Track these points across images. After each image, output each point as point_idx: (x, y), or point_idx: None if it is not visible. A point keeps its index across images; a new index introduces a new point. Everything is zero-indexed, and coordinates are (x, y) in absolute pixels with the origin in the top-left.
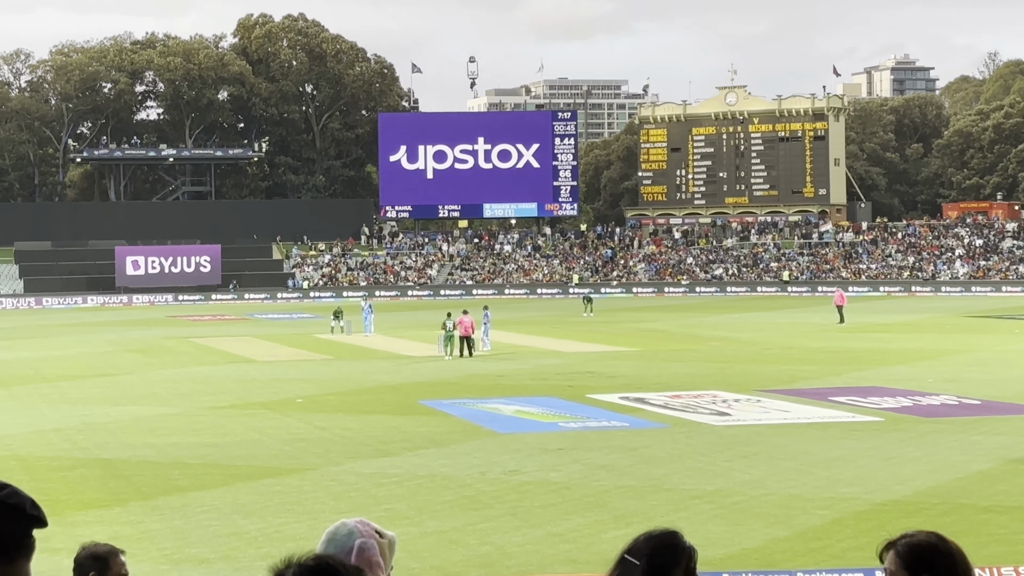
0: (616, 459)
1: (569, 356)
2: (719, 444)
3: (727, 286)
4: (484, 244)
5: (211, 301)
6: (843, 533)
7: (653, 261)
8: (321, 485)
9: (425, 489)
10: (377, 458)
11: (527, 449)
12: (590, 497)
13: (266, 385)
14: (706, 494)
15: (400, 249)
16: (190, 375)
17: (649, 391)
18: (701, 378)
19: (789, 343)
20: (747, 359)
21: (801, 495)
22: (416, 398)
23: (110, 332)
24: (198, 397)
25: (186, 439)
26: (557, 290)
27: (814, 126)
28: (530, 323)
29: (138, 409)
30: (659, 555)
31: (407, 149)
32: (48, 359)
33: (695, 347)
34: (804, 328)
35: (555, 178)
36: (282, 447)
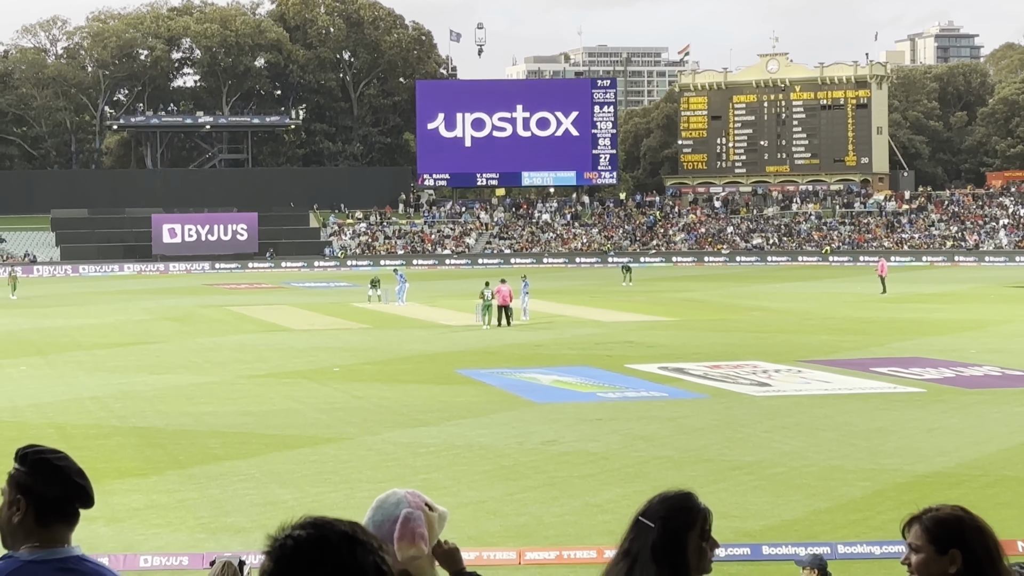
0: (655, 429)
1: (608, 326)
2: (759, 415)
3: (767, 255)
4: (522, 213)
5: (247, 269)
6: (884, 505)
7: (693, 230)
8: (357, 454)
9: (462, 459)
10: (414, 427)
11: (565, 419)
12: (629, 468)
13: (303, 354)
14: (746, 465)
15: (437, 217)
16: (227, 344)
17: (688, 361)
18: (741, 348)
19: (830, 313)
20: (788, 329)
21: (842, 466)
22: (453, 367)
23: (147, 300)
24: (234, 366)
25: (222, 408)
26: (596, 259)
27: (856, 94)
28: (568, 292)
29: (175, 377)
30: (674, 517)
31: (445, 117)
32: (84, 327)
33: (735, 317)
34: (845, 298)
35: (594, 146)
36: (319, 416)
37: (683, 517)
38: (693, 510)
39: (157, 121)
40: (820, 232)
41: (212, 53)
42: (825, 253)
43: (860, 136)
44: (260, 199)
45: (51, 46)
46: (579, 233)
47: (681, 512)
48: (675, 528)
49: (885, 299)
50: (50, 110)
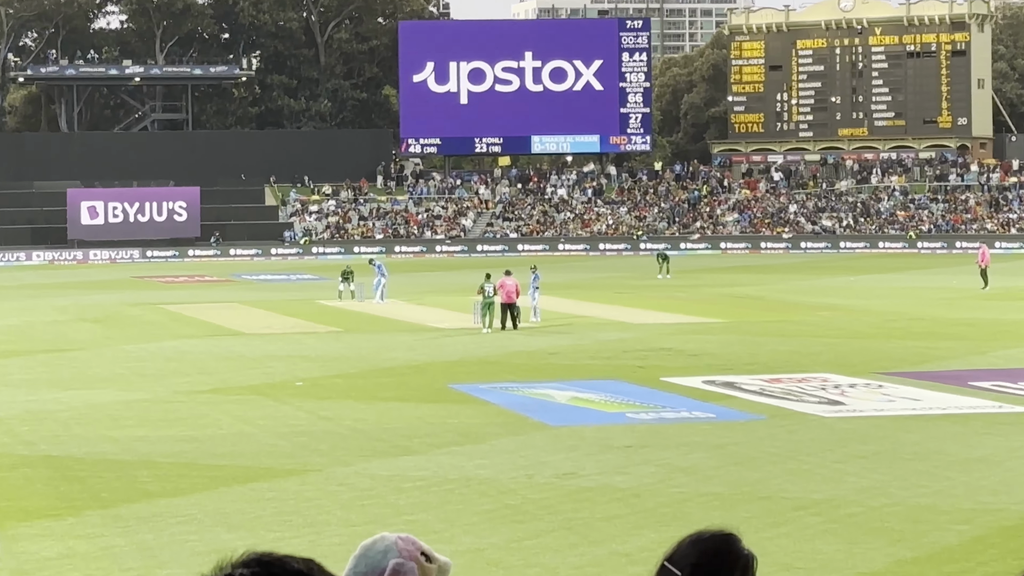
0: (699, 459)
1: (640, 329)
2: (829, 441)
3: (840, 241)
4: (532, 187)
5: (188, 258)
6: (987, 554)
7: (746, 209)
8: (326, 491)
9: (457, 496)
10: (396, 457)
11: (586, 446)
12: (665, 507)
13: (257, 364)
14: (813, 504)
15: (426, 193)
16: (161, 351)
17: (741, 373)
18: (807, 357)
19: (919, 313)
20: (865, 333)
21: (933, 505)
22: (446, 381)
23: (60, 296)
24: (171, 379)
25: (156, 432)
26: (624, 246)
27: (952, 38)
28: (590, 287)
29: (96, 394)
30: (708, 564)
31: (435, 67)
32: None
33: (799, 318)
34: (938, 294)
35: (622, 104)
36: (277, 442)
37: (719, 563)
38: (732, 555)
39: (73, 72)
40: (906, 211)
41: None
42: (911, 238)
43: (956, 91)
44: (203, 170)
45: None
46: (603, 213)
47: (717, 558)
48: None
49: (987, 295)
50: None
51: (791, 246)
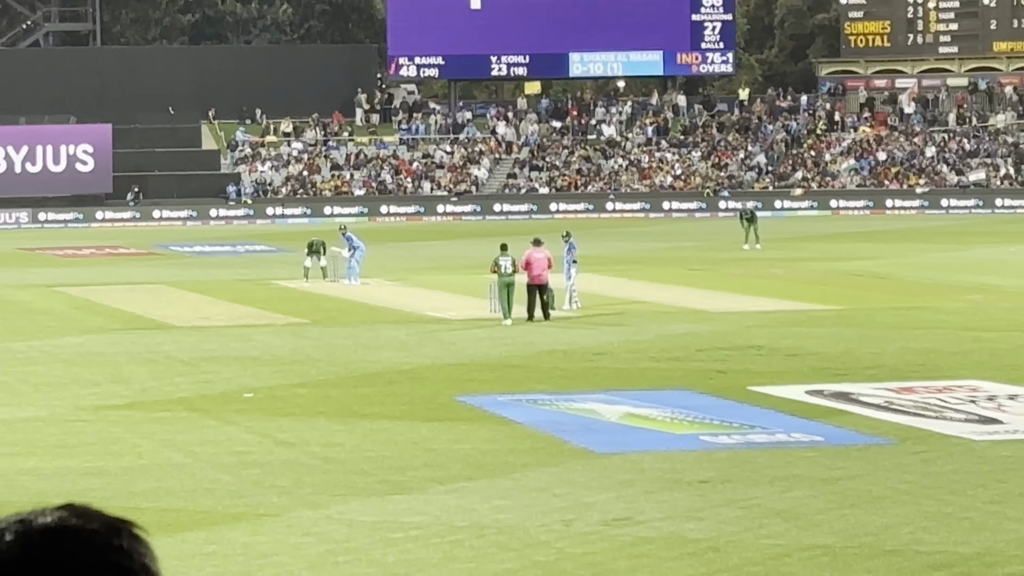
0: (801, 499)
1: (719, 319)
2: (982, 473)
3: (996, 197)
4: (570, 124)
5: (95, 222)
6: None
7: (867, 154)
8: (287, 543)
9: (468, 550)
10: (385, 496)
11: (644, 480)
12: (755, 565)
13: (192, 368)
14: (960, 560)
15: (423, 132)
16: (60, 351)
17: (858, 381)
18: (950, 358)
19: None
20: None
21: None
22: (452, 392)
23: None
24: (73, 389)
25: (52, 462)
26: (698, 204)
27: None
28: (650, 261)
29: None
30: None
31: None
32: None
33: (940, 304)
34: None
35: (695, 9)
36: (219, 476)
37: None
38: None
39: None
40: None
41: None
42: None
43: None
44: (116, 101)
45: None
46: (669, 160)
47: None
48: None
49: None
50: None
51: (928, 204)
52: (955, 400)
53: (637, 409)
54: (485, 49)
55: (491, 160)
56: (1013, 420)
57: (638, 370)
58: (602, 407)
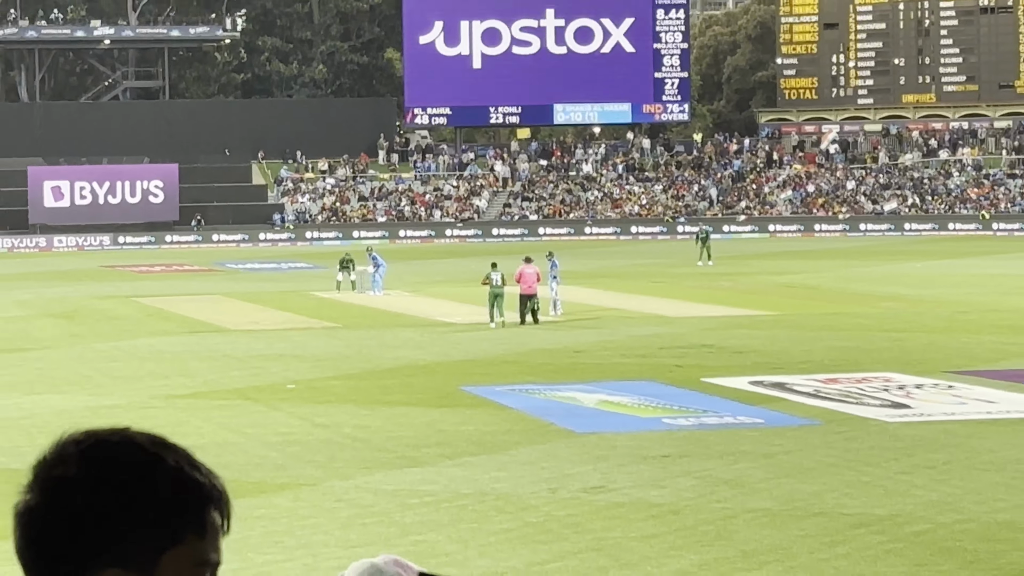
0: (745, 470)
1: (678, 323)
2: (893, 449)
3: (904, 222)
4: (555, 163)
5: (164, 245)
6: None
7: (798, 187)
8: (323, 507)
9: (472, 513)
10: (403, 469)
11: (617, 456)
12: (707, 525)
13: (244, 364)
14: (875, 520)
15: (434, 170)
16: (135, 350)
17: (792, 373)
18: (867, 354)
19: (995, 304)
20: (934, 327)
21: (1012, 522)
22: (458, 383)
23: (21, 289)
24: (147, 381)
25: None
26: (660, 229)
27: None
28: (621, 275)
29: (62, 399)
30: None
31: (444, 26)
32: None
33: (859, 310)
34: (1016, 283)
35: (657, 68)
36: (267, 453)
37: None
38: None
39: (35, 35)
40: (979, 189)
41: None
42: (985, 219)
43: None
44: (182, 145)
45: None
46: (636, 192)
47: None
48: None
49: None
50: None
51: (849, 228)
52: (871, 389)
53: (610, 397)
54: (485, 101)
55: (490, 192)
56: (919, 405)
57: (611, 365)
58: (581, 395)
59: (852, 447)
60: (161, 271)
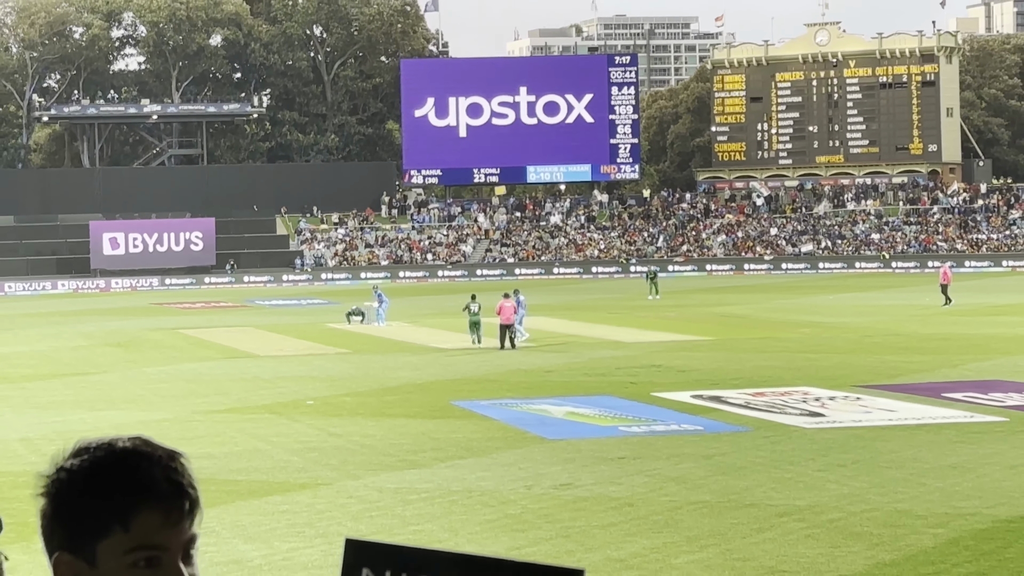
0: (688, 469)
1: (631, 347)
2: (811, 450)
3: (819, 262)
4: (528, 214)
5: (204, 285)
6: (961, 556)
7: (730, 233)
8: (336, 503)
9: (461, 507)
10: (403, 470)
11: (581, 458)
12: (657, 515)
13: (270, 384)
14: (796, 510)
15: (428, 221)
16: (180, 373)
17: (727, 388)
18: (789, 372)
19: (894, 329)
20: (844, 349)
21: (910, 510)
22: (449, 398)
23: (84, 323)
24: (189, 399)
25: (176, 449)
26: (616, 269)
27: (922, 69)
28: (584, 308)
29: (119, 414)
30: None
31: (435, 102)
32: (11, 355)
33: (781, 335)
34: (912, 311)
35: (612, 135)
36: (290, 458)
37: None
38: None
39: (95, 111)
40: (881, 234)
41: (159, 30)
42: (885, 259)
43: (927, 119)
44: (218, 202)
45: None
46: (596, 238)
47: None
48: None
49: (956, 312)
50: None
51: (772, 267)
52: (792, 400)
53: (576, 409)
54: (469, 164)
55: (474, 239)
56: (832, 414)
57: (576, 382)
58: (552, 408)
59: (777, 449)
60: (201, 307)
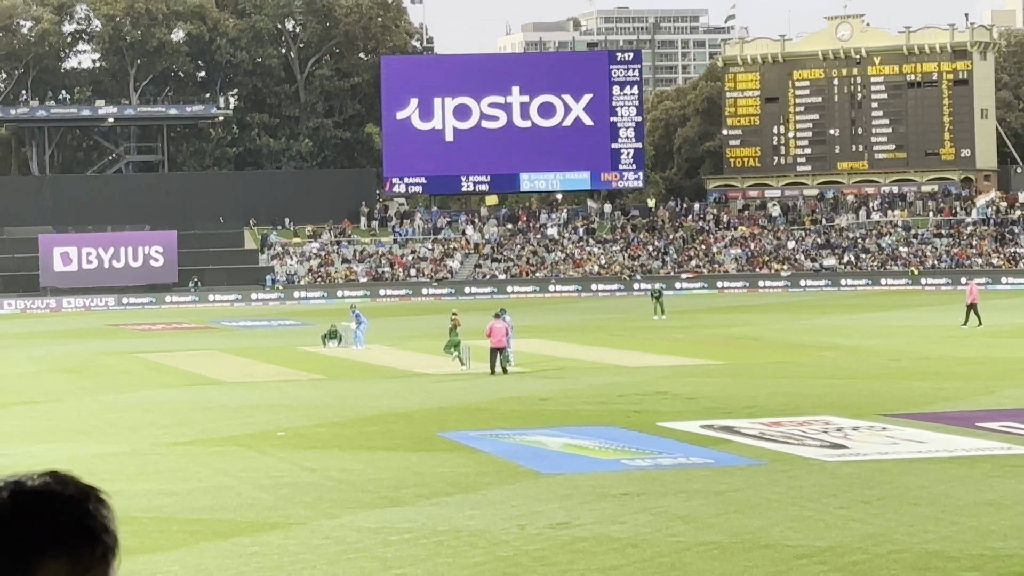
0: (697, 507)
1: (634, 372)
2: (833, 486)
3: (841, 278)
4: (521, 227)
5: (165, 305)
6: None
7: (744, 246)
8: (311, 544)
9: (447, 548)
10: (384, 508)
11: (580, 495)
12: (663, 557)
13: (238, 414)
14: (816, 552)
15: (411, 234)
16: (138, 402)
17: (740, 417)
18: (808, 399)
19: (924, 352)
20: (868, 374)
21: (942, 552)
22: (435, 429)
23: (33, 346)
24: (149, 430)
25: (133, 486)
26: (618, 286)
27: (954, 67)
28: (583, 329)
29: (70, 447)
30: None
31: (419, 103)
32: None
33: (800, 359)
34: (943, 332)
35: (614, 139)
36: (260, 495)
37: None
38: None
39: (44, 114)
40: (908, 247)
41: (115, 24)
42: (914, 274)
43: (960, 122)
44: (180, 213)
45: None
46: (596, 252)
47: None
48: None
49: (988, 333)
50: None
51: (790, 284)
52: (812, 431)
53: (573, 440)
54: (457, 171)
55: (462, 254)
56: (855, 445)
57: (574, 411)
58: (547, 439)
59: (795, 484)
60: (161, 329)
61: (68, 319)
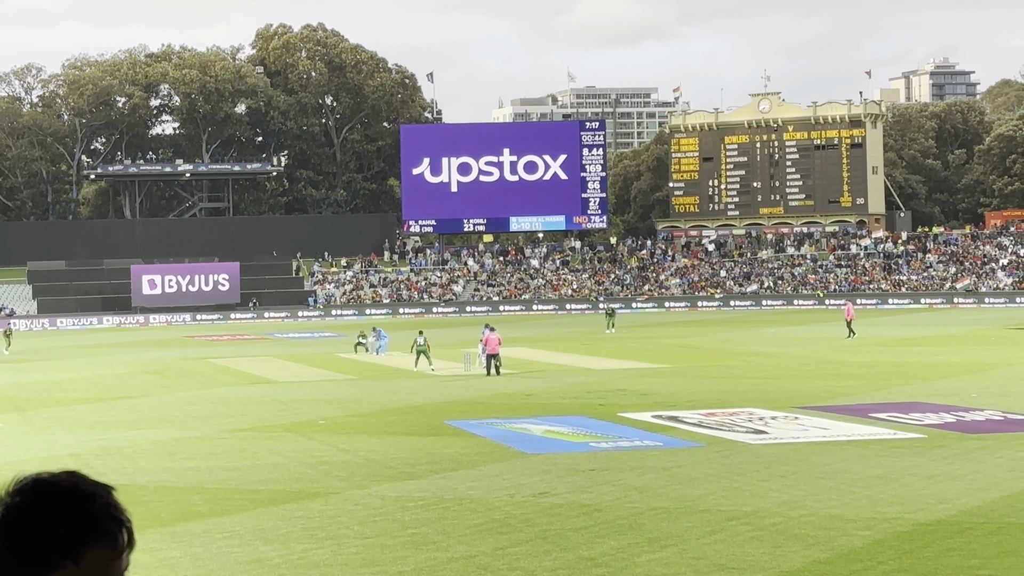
0: (649, 480)
1: (600, 374)
2: (756, 463)
3: (762, 300)
4: (511, 259)
5: (230, 320)
6: (885, 555)
7: (686, 274)
8: (345, 509)
9: (452, 513)
10: (402, 481)
11: (557, 470)
12: (623, 519)
13: (287, 406)
14: (743, 515)
15: (424, 265)
16: (209, 397)
17: (683, 409)
18: (737, 395)
19: (827, 358)
20: (784, 375)
21: (841, 515)
22: (442, 418)
23: (126, 353)
24: (217, 419)
25: (206, 463)
26: (586, 305)
27: (851, 133)
28: (559, 340)
29: (156, 433)
30: None
31: (430, 161)
32: (63, 382)
33: (730, 363)
34: (843, 342)
35: (583, 190)
36: (304, 470)
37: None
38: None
39: (135, 170)
40: (815, 275)
41: (191, 100)
42: (820, 296)
43: (855, 176)
44: (242, 248)
45: (26, 94)
46: (569, 279)
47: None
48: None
49: (883, 343)
50: (25, 160)
51: (723, 304)
52: (740, 420)
53: (553, 427)
54: (460, 215)
55: (464, 280)
56: (774, 431)
57: (552, 404)
58: (531, 426)
59: (726, 462)
60: (227, 340)
61: (154, 332)
